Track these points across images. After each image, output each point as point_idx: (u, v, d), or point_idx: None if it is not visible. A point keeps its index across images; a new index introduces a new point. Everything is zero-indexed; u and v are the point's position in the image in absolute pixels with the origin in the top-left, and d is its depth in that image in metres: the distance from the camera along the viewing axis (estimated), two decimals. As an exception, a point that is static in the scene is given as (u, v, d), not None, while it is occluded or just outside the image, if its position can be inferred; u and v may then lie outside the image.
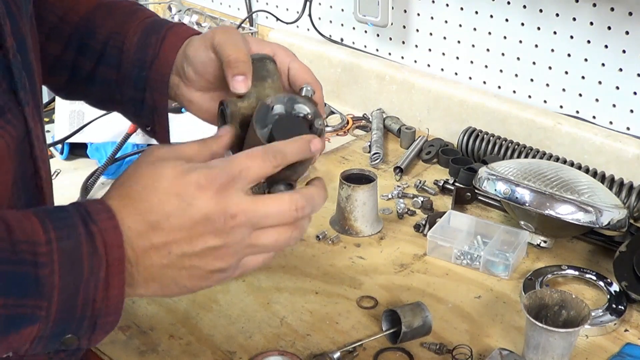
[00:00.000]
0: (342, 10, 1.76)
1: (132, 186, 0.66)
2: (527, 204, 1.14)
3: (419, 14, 1.61)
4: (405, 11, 1.63)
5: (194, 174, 0.65)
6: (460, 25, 1.55)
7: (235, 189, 0.65)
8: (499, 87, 1.54)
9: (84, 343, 0.64)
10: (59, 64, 0.94)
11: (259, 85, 0.79)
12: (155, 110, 0.91)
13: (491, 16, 1.50)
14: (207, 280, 0.67)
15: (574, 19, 1.38)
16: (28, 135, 0.73)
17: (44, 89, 0.98)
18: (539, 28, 1.44)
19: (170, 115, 1.53)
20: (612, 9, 1.32)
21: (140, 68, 0.89)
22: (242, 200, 0.65)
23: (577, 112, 1.44)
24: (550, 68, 1.45)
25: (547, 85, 1.47)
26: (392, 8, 1.62)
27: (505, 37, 1.49)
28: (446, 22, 1.57)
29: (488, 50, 1.53)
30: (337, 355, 0.96)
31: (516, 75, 1.50)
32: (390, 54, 1.70)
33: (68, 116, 1.48)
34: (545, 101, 1.48)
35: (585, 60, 1.39)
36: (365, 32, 1.73)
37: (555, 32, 1.42)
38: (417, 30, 1.63)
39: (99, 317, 0.63)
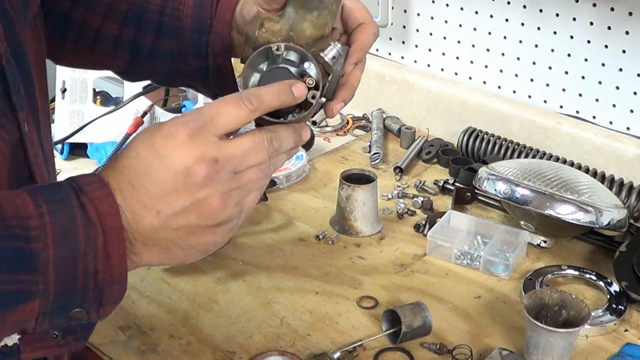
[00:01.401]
0: (342, 10, 1.76)
1: (119, 155, 0.65)
2: (527, 204, 1.14)
3: (419, 14, 1.61)
4: (405, 11, 1.63)
5: (165, 125, 0.63)
6: (460, 25, 1.55)
7: (209, 135, 0.62)
8: (499, 87, 1.54)
9: (93, 316, 0.63)
10: (120, 45, 0.94)
11: (301, 14, 0.74)
12: (222, 76, 0.90)
13: (491, 16, 1.50)
14: (213, 234, 0.65)
15: (574, 19, 1.38)
16: (22, 140, 0.72)
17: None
18: (539, 28, 1.44)
19: (170, 115, 1.53)
20: (612, 9, 1.32)
21: (200, 33, 0.89)
22: (218, 144, 0.63)
23: (577, 112, 1.44)
24: (550, 68, 1.45)
25: (547, 85, 1.47)
26: (392, 8, 1.62)
27: (505, 37, 1.49)
28: (446, 22, 1.57)
29: (488, 50, 1.53)
30: (337, 355, 0.96)
31: (516, 75, 1.50)
32: (390, 54, 1.70)
33: (68, 116, 1.48)
34: (545, 101, 1.48)
35: (585, 60, 1.39)
36: (365, 32, 1.73)
37: (555, 32, 1.42)
38: (417, 30, 1.63)
39: (104, 287, 0.62)
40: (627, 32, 1.32)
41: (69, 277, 0.60)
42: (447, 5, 1.56)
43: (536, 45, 1.45)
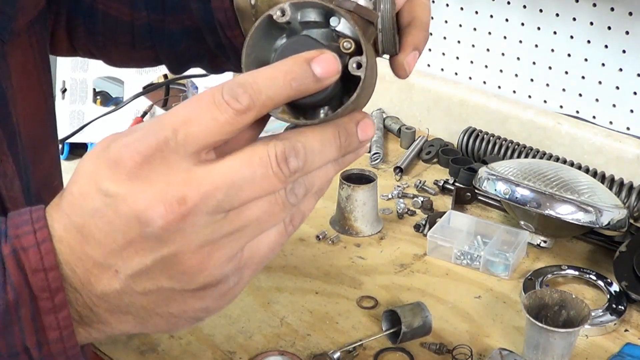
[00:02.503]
0: (342, 10, 1.76)
1: (68, 184, 0.47)
2: (527, 204, 1.14)
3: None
4: (405, 11, 1.63)
5: (113, 145, 0.44)
6: (460, 25, 1.55)
7: (172, 158, 0.42)
8: (499, 87, 1.54)
9: None
10: (137, 32, 0.88)
11: None
12: (236, 52, 0.79)
13: (491, 16, 1.50)
14: (200, 299, 0.46)
15: (574, 19, 1.38)
16: None
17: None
18: (539, 28, 1.44)
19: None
20: (612, 9, 1.32)
21: (204, 1, 0.80)
22: (186, 173, 0.42)
23: (577, 112, 1.44)
24: (550, 68, 1.45)
25: (547, 85, 1.47)
26: (392, 8, 1.62)
27: (505, 37, 1.49)
28: (446, 22, 1.57)
29: (488, 50, 1.53)
30: (337, 355, 0.96)
31: (516, 75, 1.50)
32: (390, 54, 1.70)
33: (68, 116, 1.48)
34: (545, 101, 1.48)
35: (585, 60, 1.39)
36: (365, 32, 1.73)
37: (555, 32, 1.42)
38: (417, 30, 1.63)
39: None
40: (627, 32, 1.32)
41: None
42: (447, 5, 1.56)
43: (536, 45, 1.45)
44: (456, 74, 1.60)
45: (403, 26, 0.57)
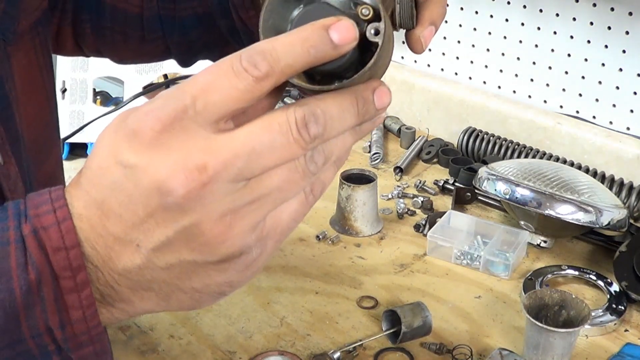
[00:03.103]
0: (342, 10, 1.76)
1: (86, 162, 0.45)
2: (527, 204, 1.14)
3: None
4: (405, 11, 1.63)
5: (130, 117, 0.43)
6: (460, 25, 1.55)
7: (191, 127, 0.41)
8: (499, 87, 1.54)
9: None
10: (146, 24, 0.87)
11: None
12: (250, 35, 0.78)
13: (491, 16, 1.50)
14: (222, 272, 0.45)
15: (574, 19, 1.38)
16: None
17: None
18: (539, 28, 1.44)
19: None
20: (612, 9, 1.32)
21: None
22: (206, 140, 0.41)
23: (577, 112, 1.44)
24: (550, 68, 1.45)
25: (547, 85, 1.47)
26: (392, 8, 1.62)
27: (505, 37, 1.49)
28: (446, 22, 1.57)
29: (488, 50, 1.53)
30: (337, 355, 0.96)
31: (516, 75, 1.50)
32: (390, 54, 1.70)
33: (68, 116, 1.48)
34: (545, 101, 1.48)
35: (585, 60, 1.39)
36: (365, 32, 1.73)
37: (555, 32, 1.42)
38: (417, 30, 1.63)
39: (71, 350, 0.46)
40: (627, 32, 1.32)
41: (10, 339, 0.44)
42: (447, 5, 1.55)
43: (536, 45, 1.45)
44: (456, 74, 1.60)
45: (420, 0, 0.57)
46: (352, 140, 0.46)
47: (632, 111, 1.36)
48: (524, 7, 1.44)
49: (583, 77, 1.41)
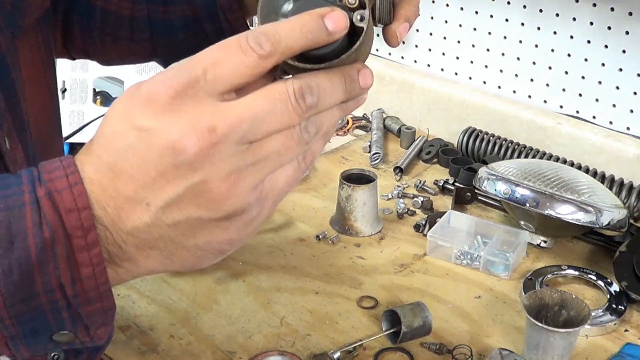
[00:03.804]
0: (342, 10, 1.76)
1: (96, 132, 0.49)
2: (527, 204, 1.14)
3: (419, 14, 1.61)
4: (405, 11, 1.63)
5: (144, 85, 0.47)
6: (460, 25, 1.55)
7: (201, 95, 0.46)
8: (499, 87, 1.54)
9: (85, 340, 0.51)
10: (136, 25, 0.88)
11: None
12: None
13: (491, 16, 1.50)
14: (225, 230, 0.49)
15: (574, 19, 1.38)
16: (1, 159, 0.65)
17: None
18: (539, 28, 1.44)
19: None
20: (612, 9, 1.32)
21: None
22: (215, 107, 0.46)
23: (577, 112, 1.44)
24: (550, 68, 1.45)
25: (547, 85, 1.47)
26: (392, 8, 1.62)
27: (505, 37, 1.49)
28: (446, 22, 1.57)
29: (488, 50, 1.53)
30: (337, 355, 0.96)
31: (516, 75, 1.50)
32: (390, 53, 1.70)
33: (68, 116, 1.48)
34: (545, 101, 1.48)
35: (585, 60, 1.39)
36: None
37: (555, 32, 1.42)
38: (417, 30, 1.63)
39: (80, 306, 0.48)
40: (627, 32, 1.32)
41: (24, 295, 0.47)
42: (447, 5, 1.56)
43: (536, 45, 1.45)
44: (456, 74, 1.60)
45: (396, 0, 0.62)
46: (339, 116, 0.51)
47: (632, 111, 1.36)
48: (524, 7, 1.44)
49: (583, 77, 1.41)
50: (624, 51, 1.34)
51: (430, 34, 1.61)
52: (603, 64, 1.37)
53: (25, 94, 0.72)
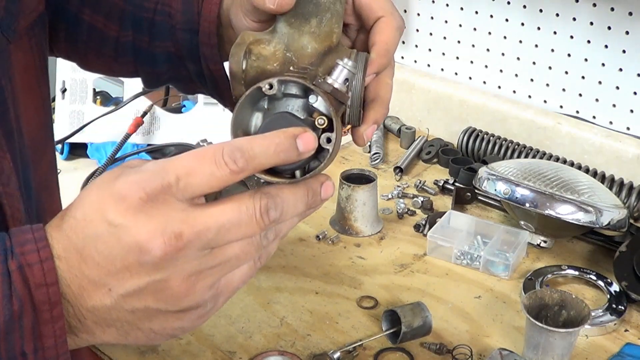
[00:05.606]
0: (342, 10, 1.76)
1: (69, 209, 0.53)
2: (527, 204, 1.14)
3: (419, 14, 1.61)
4: (405, 11, 1.63)
5: (118, 181, 0.50)
6: (460, 25, 1.55)
7: (172, 201, 0.50)
8: (499, 87, 1.54)
9: None
10: (120, 48, 0.89)
11: (297, 25, 0.58)
12: (218, 87, 0.81)
13: (491, 16, 1.50)
14: (179, 320, 0.54)
15: (574, 19, 1.38)
16: None
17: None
18: (539, 28, 1.44)
19: (170, 115, 1.53)
20: (612, 9, 1.32)
21: (191, 32, 0.81)
22: (184, 213, 0.50)
23: (577, 112, 1.44)
24: (550, 68, 1.45)
25: (547, 85, 1.47)
26: (392, 8, 1.62)
27: (505, 37, 1.49)
28: (446, 22, 1.57)
29: (488, 50, 1.53)
30: (337, 355, 0.96)
31: (516, 75, 1.50)
32: (390, 54, 1.70)
33: (68, 116, 1.48)
34: (545, 101, 1.48)
35: (585, 60, 1.39)
36: (365, 32, 1.73)
37: (555, 32, 1.42)
38: (417, 30, 1.63)
39: None
40: (627, 32, 1.32)
41: None
42: (447, 5, 1.56)
43: (536, 45, 1.45)
44: (456, 74, 1.60)
45: (367, 101, 0.66)
46: (298, 222, 0.56)
47: (632, 111, 1.36)
48: (524, 7, 1.44)
49: (583, 77, 1.41)
50: (624, 51, 1.34)
51: (430, 34, 1.61)
52: (603, 64, 1.37)
53: (17, 101, 0.72)
